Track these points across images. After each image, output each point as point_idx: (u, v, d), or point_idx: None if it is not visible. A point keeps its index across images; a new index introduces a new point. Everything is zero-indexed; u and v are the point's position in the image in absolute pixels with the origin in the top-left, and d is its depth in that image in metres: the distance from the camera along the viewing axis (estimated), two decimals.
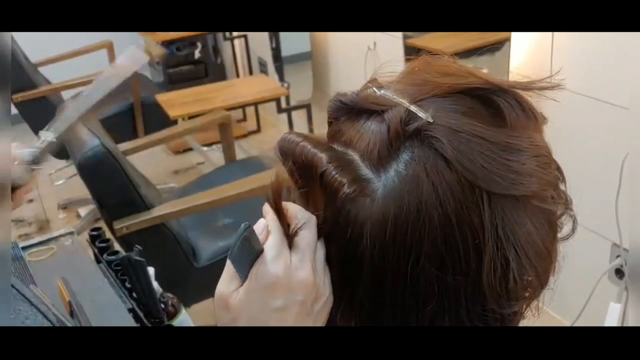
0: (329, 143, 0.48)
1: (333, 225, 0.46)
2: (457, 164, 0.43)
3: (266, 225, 0.49)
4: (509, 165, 0.44)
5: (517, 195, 0.44)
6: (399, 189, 0.43)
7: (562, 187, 0.49)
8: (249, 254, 0.47)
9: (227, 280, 0.49)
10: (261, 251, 0.47)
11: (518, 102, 0.47)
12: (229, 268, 0.49)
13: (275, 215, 0.48)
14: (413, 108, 0.45)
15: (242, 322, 0.47)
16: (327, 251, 0.48)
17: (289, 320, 0.47)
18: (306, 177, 0.47)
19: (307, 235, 0.48)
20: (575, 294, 1.81)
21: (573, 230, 0.51)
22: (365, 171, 0.45)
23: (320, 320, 0.49)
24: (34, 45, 3.30)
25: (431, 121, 0.44)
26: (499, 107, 0.46)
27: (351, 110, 0.48)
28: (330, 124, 0.50)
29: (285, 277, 0.46)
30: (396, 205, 0.43)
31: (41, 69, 3.31)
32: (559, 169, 0.50)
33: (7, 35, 0.52)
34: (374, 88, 0.48)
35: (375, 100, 0.47)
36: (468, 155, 0.43)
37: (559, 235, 0.50)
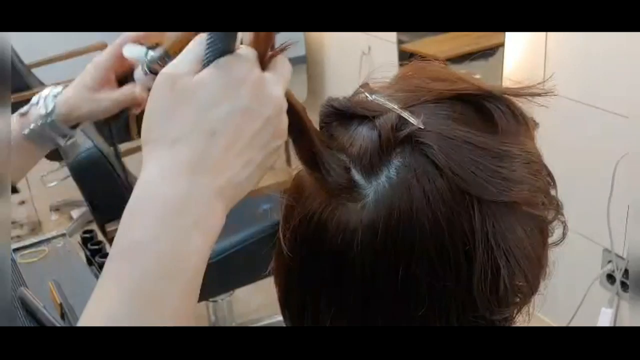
0: None
1: (322, 232, 0.46)
2: (447, 171, 0.43)
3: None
4: (500, 172, 0.45)
5: (508, 202, 0.45)
6: (389, 195, 0.43)
7: (553, 192, 0.50)
8: (219, 50, 0.42)
9: (182, 63, 0.43)
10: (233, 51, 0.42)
11: (509, 108, 0.47)
12: (187, 54, 0.43)
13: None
14: (404, 114, 0.45)
15: (193, 106, 0.41)
16: (317, 256, 0.47)
17: (245, 132, 0.42)
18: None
19: (289, 67, 0.45)
20: (566, 299, 1.82)
21: (564, 235, 0.51)
22: (357, 177, 0.45)
23: (269, 154, 0.44)
24: (28, 46, 3.29)
25: (422, 127, 0.44)
26: (490, 113, 0.46)
27: (343, 116, 0.48)
28: (321, 128, 0.50)
29: (256, 83, 0.42)
30: (387, 211, 0.43)
31: (34, 71, 3.29)
32: (550, 174, 0.50)
33: (7, 35, 0.51)
34: (366, 93, 0.48)
35: (367, 105, 0.47)
36: (459, 162, 0.43)
37: (550, 240, 0.50)
